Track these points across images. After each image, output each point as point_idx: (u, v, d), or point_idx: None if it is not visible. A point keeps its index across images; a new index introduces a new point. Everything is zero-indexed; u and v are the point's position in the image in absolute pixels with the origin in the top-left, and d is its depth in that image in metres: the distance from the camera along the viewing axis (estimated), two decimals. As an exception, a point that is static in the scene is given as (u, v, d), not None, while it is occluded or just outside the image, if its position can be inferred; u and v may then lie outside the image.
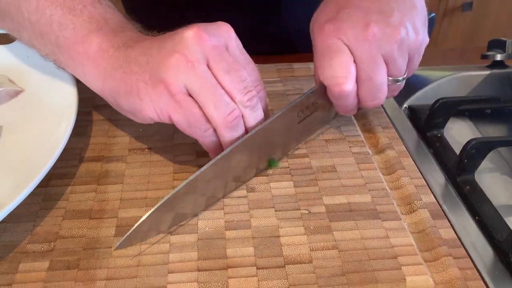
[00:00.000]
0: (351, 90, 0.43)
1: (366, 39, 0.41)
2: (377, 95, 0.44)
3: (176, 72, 0.38)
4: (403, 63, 0.44)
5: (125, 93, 0.40)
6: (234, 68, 0.39)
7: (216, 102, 0.38)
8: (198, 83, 0.38)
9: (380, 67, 0.42)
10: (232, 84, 0.39)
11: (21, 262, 0.36)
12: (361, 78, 0.43)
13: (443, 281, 0.35)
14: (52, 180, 0.43)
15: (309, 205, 0.41)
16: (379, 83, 0.43)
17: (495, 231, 0.41)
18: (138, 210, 0.41)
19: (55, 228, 0.39)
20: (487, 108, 0.58)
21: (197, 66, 0.38)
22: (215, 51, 0.39)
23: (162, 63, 0.38)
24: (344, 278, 0.35)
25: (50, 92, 0.48)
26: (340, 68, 0.42)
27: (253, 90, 0.40)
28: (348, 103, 0.44)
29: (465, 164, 0.46)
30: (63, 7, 0.43)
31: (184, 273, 0.36)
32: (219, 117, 0.39)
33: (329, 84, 0.43)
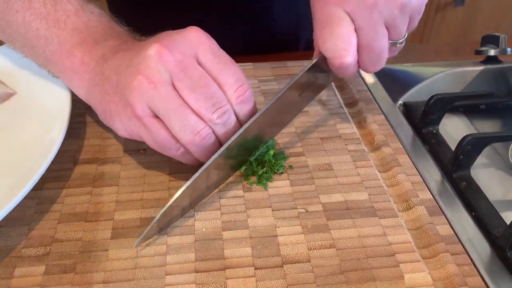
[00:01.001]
0: (352, 61, 0.42)
1: (367, 6, 0.40)
2: (378, 61, 0.44)
3: (140, 95, 0.37)
4: (404, 27, 0.43)
5: (101, 113, 0.42)
6: (200, 85, 0.38)
7: (182, 123, 0.38)
8: (161, 104, 0.37)
9: (381, 34, 0.42)
10: (197, 102, 0.38)
11: (16, 267, 0.36)
12: (362, 46, 0.42)
13: (441, 278, 0.35)
14: (47, 183, 0.43)
15: (306, 204, 0.41)
16: (380, 50, 0.43)
17: (492, 226, 0.41)
18: (134, 212, 0.40)
19: (50, 232, 0.39)
20: (481, 103, 0.58)
21: (160, 87, 0.37)
22: (178, 68, 0.37)
23: (127, 85, 0.38)
24: (343, 276, 0.35)
25: (43, 94, 0.48)
26: (342, 39, 0.41)
27: (223, 105, 0.39)
28: (348, 72, 0.44)
29: (461, 160, 0.46)
30: (48, 20, 0.43)
31: (181, 274, 0.35)
32: (187, 138, 0.38)
33: (330, 56, 0.43)
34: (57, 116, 0.45)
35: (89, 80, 0.42)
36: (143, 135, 0.39)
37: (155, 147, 0.40)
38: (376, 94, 0.57)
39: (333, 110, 0.53)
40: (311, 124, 0.51)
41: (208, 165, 0.39)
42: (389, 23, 0.42)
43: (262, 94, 0.55)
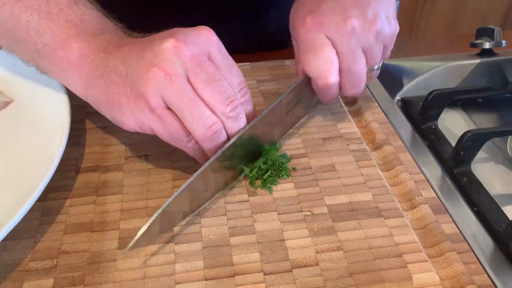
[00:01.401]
0: (334, 82, 0.45)
1: (346, 33, 0.44)
2: (357, 84, 0.47)
3: (155, 87, 0.37)
4: (379, 53, 0.47)
5: (106, 105, 0.41)
6: (215, 79, 0.39)
7: (195, 116, 0.38)
8: (176, 97, 0.38)
9: (360, 58, 0.45)
10: (212, 96, 0.38)
11: (24, 281, 0.36)
12: (342, 69, 0.45)
13: (449, 277, 0.36)
14: (50, 193, 0.43)
15: (311, 206, 0.41)
16: (359, 73, 0.46)
17: (494, 221, 0.41)
18: (140, 220, 0.40)
19: (56, 244, 0.38)
20: (479, 97, 0.58)
21: (175, 79, 0.37)
22: (194, 62, 0.38)
23: (141, 77, 0.38)
24: (351, 279, 0.36)
25: (40, 101, 0.47)
26: (325, 61, 0.44)
27: (235, 99, 0.40)
28: (331, 93, 0.47)
29: (462, 156, 0.47)
30: (39, 12, 0.42)
31: (191, 283, 0.35)
32: (199, 131, 0.39)
33: (315, 76, 0.45)
34: (57, 123, 0.44)
35: (88, 72, 0.41)
36: (154, 127, 0.39)
37: (166, 138, 0.40)
38: (374, 90, 0.57)
39: (333, 109, 0.53)
40: (311, 125, 0.51)
41: (204, 169, 0.39)
42: (366, 48, 0.45)
43: (261, 95, 0.55)
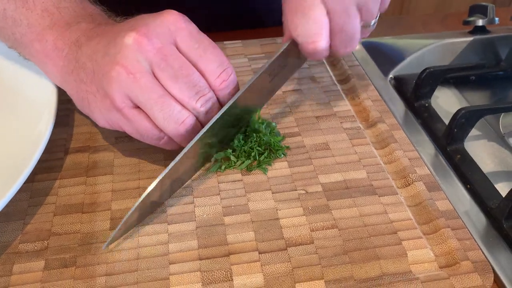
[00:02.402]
0: (325, 46, 0.41)
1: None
2: (350, 43, 0.43)
3: (119, 86, 0.36)
4: (376, 7, 0.43)
5: (78, 102, 0.41)
6: (183, 74, 0.37)
7: (166, 113, 0.37)
8: (143, 96, 0.36)
9: (353, 16, 0.41)
10: (181, 92, 0.37)
11: (15, 263, 0.35)
12: (334, 30, 0.41)
13: (443, 253, 0.36)
14: (38, 174, 0.42)
15: (305, 185, 0.41)
16: (352, 32, 0.42)
17: (487, 198, 0.41)
18: (132, 201, 0.40)
19: (46, 225, 0.38)
20: (471, 75, 0.58)
21: (140, 77, 0.36)
22: (159, 57, 0.36)
23: (106, 75, 0.37)
24: (346, 256, 0.35)
25: (27, 82, 0.46)
26: (314, 23, 0.40)
27: (206, 93, 0.38)
28: (320, 56, 0.43)
29: (455, 134, 0.47)
30: (16, 0, 0.41)
31: (185, 263, 0.35)
32: (171, 128, 0.37)
33: (303, 41, 0.41)
34: (44, 104, 0.43)
35: (63, 66, 0.40)
36: (124, 126, 0.38)
37: (137, 137, 0.39)
38: (367, 69, 0.56)
39: (326, 87, 0.52)
40: (305, 103, 0.50)
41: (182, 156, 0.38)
42: (361, 5, 0.41)
43: (253, 73, 0.54)
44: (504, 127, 0.52)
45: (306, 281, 0.34)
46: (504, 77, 0.59)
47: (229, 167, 0.42)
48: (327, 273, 0.34)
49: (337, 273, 0.34)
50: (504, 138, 0.51)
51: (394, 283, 0.34)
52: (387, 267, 0.35)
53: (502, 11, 0.66)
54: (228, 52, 0.58)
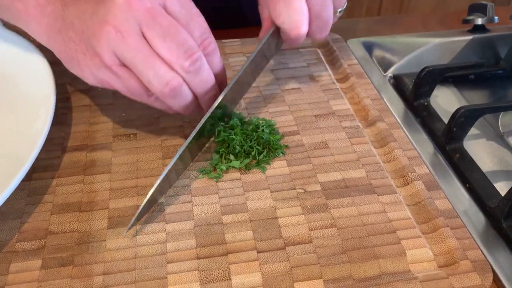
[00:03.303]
0: (306, 31, 0.45)
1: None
2: (325, 28, 0.46)
3: (107, 44, 0.37)
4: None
5: (66, 61, 0.40)
6: (171, 32, 0.37)
7: (151, 73, 0.37)
8: (130, 54, 0.37)
9: (329, 3, 0.45)
10: (169, 51, 0.37)
11: (12, 262, 0.35)
12: (312, 16, 0.44)
13: (442, 252, 0.36)
14: (36, 173, 0.41)
15: (304, 183, 0.41)
16: (327, 18, 0.45)
17: (487, 197, 0.41)
18: (130, 200, 0.39)
19: (44, 224, 0.37)
20: (471, 73, 0.58)
21: (127, 36, 0.36)
22: (147, 16, 0.37)
23: (94, 35, 0.37)
24: (345, 256, 0.35)
25: (25, 80, 0.46)
26: (297, 11, 0.43)
27: (195, 52, 0.38)
28: (300, 41, 0.46)
29: (454, 132, 0.46)
30: None
31: (183, 262, 0.35)
32: (156, 88, 0.38)
33: (287, 28, 0.44)
34: (42, 103, 0.43)
35: (47, 25, 0.40)
36: (113, 84, 0.39)
37: (127, 94, 0.40)
38: (366, 67, 0.56)
39: (325, 86, 0.52)
40: (304, 102, 0.50)
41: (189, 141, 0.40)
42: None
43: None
44: (503, 126, 0.52)
45: (305, 280, 0.34)
46: (503, 76, 0.59)
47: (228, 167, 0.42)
48: (326, 272, 0.34)
49: (335, 272, 0.34)
50: (503, 137, 0.51)
51: (393, 282, 0.33)
52: (386, 267, 0.35)
53: (501, 10, 0.66)
54: (226, 51, 0.57)
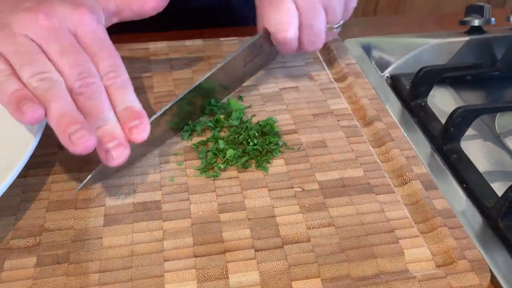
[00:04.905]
0: (293, 36, 0.46)
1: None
2: (316, 41, 0.47)
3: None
4: (340, 12, 0.48)
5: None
6: (69, 51, 0.35)
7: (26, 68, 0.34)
8: (12, 49, 0.35)
9: (320, 15, 0.46)
10: (63, 69, 0.35)
11: (6, 259, 0.34)
12: (302, 25, 0.46)
13: (440, 252, 0.36)
14: (31, 169, 0.41)
15: (302, 182, 0.41)
16: (319, 30, 0.46)
17: (484, 198, 0.41)
18: (126, 197, 0.39)
19: (39, 221, 0.37)
20: (467, 74, 0.58)
21: (19, 37, 0.35)
22: (50, 33, 0.35)
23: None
24: (343, 255, 0.35)
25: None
26: (285, 15, 0.45)
27: (91, 77, 0.35)
28: (290, 47, 0.47)
29: (452, 133, 0.47)
30: None
31: (180, 260, 0.35)
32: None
33: (274, 31, 0.46)
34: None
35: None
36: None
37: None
38: (364, 67, 0.56)
39: (323, 85, 0.52)
40: (302, 101, 0.50)
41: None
42: (326, 5, 0.46)
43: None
44: (500, 127, 0.52)
45: (303, 279, 0.34)
46: (499, 77, 0.59)
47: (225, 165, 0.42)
48: (324, 271, 0.34)
49: (333, 271, 0.34)
50: (500, 137, 0.51)
51: (391, 281, 0.33)
52: (384, 266, 0.35)
53: (498, 11, 0.66)
54: (224, 49, 0.57)
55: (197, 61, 0.55)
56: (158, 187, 0.40)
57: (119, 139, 0.35)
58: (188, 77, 0.53)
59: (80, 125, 0.33)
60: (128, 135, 0.35)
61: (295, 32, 0.45)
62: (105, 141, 0.35)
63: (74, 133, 0.33)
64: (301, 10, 0.45)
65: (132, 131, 0.35)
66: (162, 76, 0.53)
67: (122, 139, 0.35)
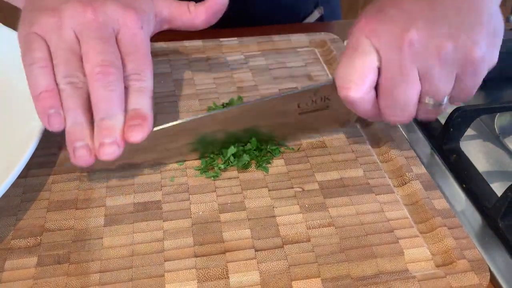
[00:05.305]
0: (359, 97, 0.37)
1: (399, 46, 0.35)
2: (399, 113, 0.37)
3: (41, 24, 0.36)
4: (445, 83, 0.36)
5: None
6: (100, 41, 0.36)
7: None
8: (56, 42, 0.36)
9: (408, 83, 0.36)
10: (88, 50, 0.36)
11: (7, 259, 0.34)
12: (381, 89, 0.37)
13: (440, 252, 0.36)
14: (32, 169, 0.41)
15: (302, 182, 0.41)
16: (402, 101, 0.36)
17: (483, 198, 0.41)
18: (127, 197, 0.39)
19: (40, 221, 0.37)
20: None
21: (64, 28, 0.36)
22: (91, 25, 0.36)
23: (41, 8, 0.37)
24: (343, 255, 0.35)
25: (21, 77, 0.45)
26: (355, 70, 0.36)
27: (112, 68, 0.35)
28: (360, 110, 0.38)
29: (451, 133, 0.47)
30: None
31: (181, 260, 0.35)
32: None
33: (338, 85, 0.38)
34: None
35: None
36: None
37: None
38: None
39: (323, 85, 0.52)
40: (301, 101, 0.50)
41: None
42: (424, 73, 0.35)
43: (250, 70, 0.54)
44: (499, 127, 0.52)
45: (303, 279, 0.34)
46: (499, 77, 0.59)
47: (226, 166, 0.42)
48: (324, 271, 0.34)
49: (333, 271, 0.34)
50: (499, 138, 0.51)
51: (390, 281, 0.33)
52: (384, 266, 0.35)
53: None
54: (224, 50, 0.57)
55: (197, 62, 0.56)
56: (159, 187, 0.40)
57: (115, 137, 0.35)
58: (188, 78, 0.53)
59: (85, 143, 0.35)
60: (125, 133, 0.36)
61: (362, 93, 0.36)
62: (102, 135, 0.35)
63: (78, 149, 0.35)
64: (384, 70, 0.36)
65: (128, 129, 0.36)
66: (162, 77, 0.53)
67: (119, 138, 0.35)
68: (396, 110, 0.37)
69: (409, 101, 0.37)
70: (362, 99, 0.37)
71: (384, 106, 0.38)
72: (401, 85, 0.36)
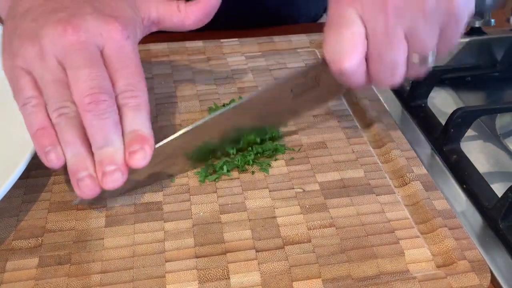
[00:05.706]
0: (352, 68, 0.36)
1: (383, 10, 0.34)
2: (390, 76, 0.37)
3: (23, 53, 0.35)
4: (431, 38, 0.36)
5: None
6: (86, 65, 0.34)
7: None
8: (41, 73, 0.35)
9: (396, 45, 0.36)
10: (76, 80, 0.34)
11: (8, 260, 0.35)
12: (371, 56, 0.36)
13: (441, 252, 0.36)
14: (33, 170, 0.41)
15: (302, 183, 0.41)
16: (392, 63, 0.36)
17: (483, 198, 0.42)
18: (128, 198, 0.39)
19: (41, 222, 0.37)
20: (467, 75, 0.58)
21: (46, 57, 0.35)
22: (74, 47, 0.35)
23: (20, 35, 0.36)
24: (344, 255, 0.35)
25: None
26: (344, 42, 0.36)
27: (103, 94, 0.34)
28: (354, 80, 0.38)
29: (451, 134, 0.47)
30: None
31: (182, 261, 0.35)
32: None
33: (329, 60, 0.38)
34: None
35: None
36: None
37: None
38: (364, 68, 0.56)
39: (323, 86, 0.52)
40: (302, 102, 0.50)
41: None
42: (410, 32, 0.35)
43: (251, 71, 0.54)
44: (500, 128, 0.52)
45: (303, 279, 0.34)
46: (499, 78, 0.59)
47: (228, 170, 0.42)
48: (325, 271, 0.34)
49: (334, 272, 0.34)
50: (500, 138, 0.51)
51: (391, 282, 0.33)
52: (385, 266, 0.35)
53: (498, 13, 0.66)
54: (224, 50, 0.57)
55: (198, 63, 0.56)
56: (159, 188, 0.40)
57: (117, 164, 0.34)
58: (188, 79, 0.53)
59: (88, 172, 0.34)
60: (127, 160, 0.35)
61: (355, 63, 0.36)
62: (104, 164, 0.34)
63: (81, 180, 0.34)
64: (371, 36, 0.35)
65: (131, 156, 0.35)
66: (162, 78, 0.53)
67: (121, 165, 0.34)
68: (386, 73, 0.37)
69: (398, 62, 0.37)
70: (356, 70, 0.37)
71: (375, 72, 0.37)
72: (390, 48, 0.36)
